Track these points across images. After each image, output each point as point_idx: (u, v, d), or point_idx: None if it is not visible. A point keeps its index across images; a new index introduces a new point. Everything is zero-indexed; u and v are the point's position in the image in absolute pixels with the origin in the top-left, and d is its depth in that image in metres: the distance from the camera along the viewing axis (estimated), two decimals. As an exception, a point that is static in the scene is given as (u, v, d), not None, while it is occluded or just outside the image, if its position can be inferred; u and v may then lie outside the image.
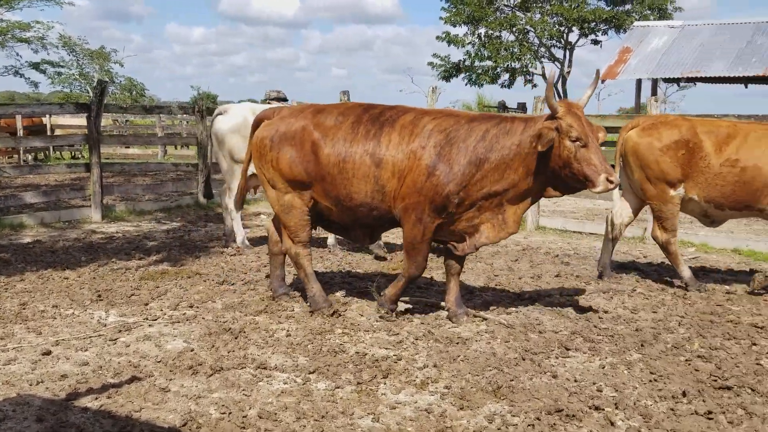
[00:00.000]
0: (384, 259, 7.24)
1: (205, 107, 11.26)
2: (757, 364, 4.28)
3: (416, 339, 4.62)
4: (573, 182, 4.63)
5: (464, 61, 29.46)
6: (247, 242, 7.64)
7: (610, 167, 4.60)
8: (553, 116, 4.53)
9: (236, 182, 7.50)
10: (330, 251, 7.57)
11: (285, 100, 11.69)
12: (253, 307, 5.22)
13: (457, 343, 4.54)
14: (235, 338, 4.54)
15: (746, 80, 20.12)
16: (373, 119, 4.86)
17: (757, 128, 6.09)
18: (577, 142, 4.47)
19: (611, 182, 4.46)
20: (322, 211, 5.10)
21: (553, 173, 4.64)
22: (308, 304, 5.19)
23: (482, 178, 4.69)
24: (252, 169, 7.41)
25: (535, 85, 30.19)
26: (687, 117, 6.57)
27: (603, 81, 20.51)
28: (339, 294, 5.69)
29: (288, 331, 4.70)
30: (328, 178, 4.84)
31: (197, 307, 5.26)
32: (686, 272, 6.29)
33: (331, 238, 7.78)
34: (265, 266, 6.65)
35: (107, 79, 29.74)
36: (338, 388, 3.77)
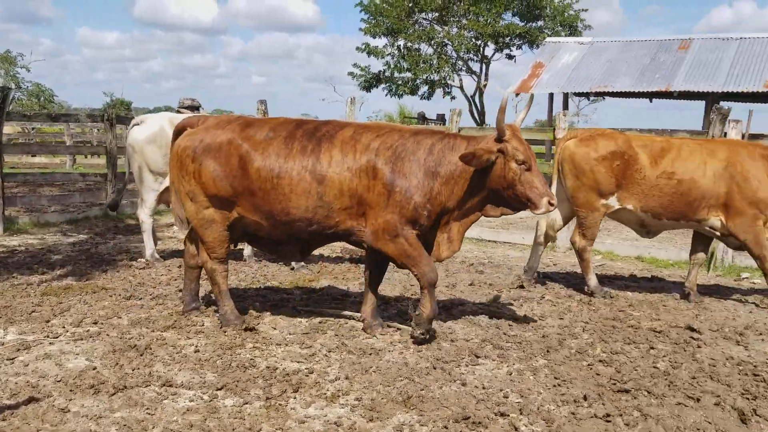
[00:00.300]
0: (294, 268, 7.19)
1: (115, 115, 10.89)
2: (654, 367, 4.48)
3: (329, 351, 4.59)
4: (515, 203, 4.74)
5: (384, 72, 29.76)
6: (156, 255, 7.41)
7: (551, 191, 4.76)
8: (500, 138, 4.62)
9: (151, 194, 7.28)
10: (246, 262, 7.45)
11: (198, 108, 11.48)
12: (161, 323, 5.07)
13: (370, 354, 4.55)
14: (141, 355, 4.39)
15: (651, 95, 21.18)
16: (308, 135, 4.77)
17: (688, 143, 6.39)
18: (523, 165, 4.60)
19: (552, 205, 4.63)
20: (248, 226, 4.96)
21: (496, 193, 4.74)
22: (219, 321, 5.08)
23: (438, 193, 4.70)
24: (168, 183, 7.25)
25: (453, 97, 30.84)
26: (623, 131, 6.87)
27: (517, 94, 21.15)
28: (253, 307, 5.60)
29: (197, 346, 4.58)
30: (259, 193, 4.72)
31: (102, 324, 5.05)
32: (593, 280, 6.54)
33: (247, 250, 7.66)
34: (175, 280, 6.48)
35: (12, 85, 28.28)
36: (246, 404, 3.70)
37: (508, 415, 3.62)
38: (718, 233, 6.30)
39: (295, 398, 3.80)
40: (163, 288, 6.17)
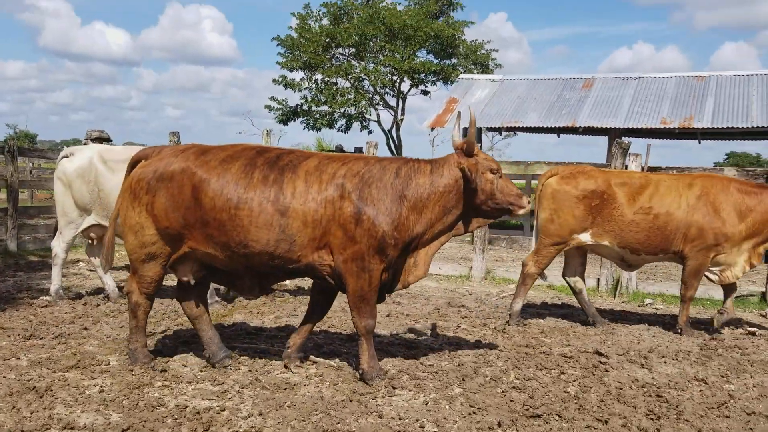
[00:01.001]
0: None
1: (16, 147, 10.40)
2: (565, 391, 4.60)
3: (242, 387, 4.47)
4: (495, 212, 4.82)
5: (302, 105, 29.78)
6: (62, 292, 7.05)
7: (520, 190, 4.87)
8: (470, 153, 4.69)
9: (71, 229, 6.93)
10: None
11: (108, 140, 11.13)
12: (63, 363, 4.80)
13: (285, 389, 4.45)
14: (41, 397, 4.13)
15: (558, 130, 22.10)
16: (269, 164, 4.54)
17: (666, 178, 6.61)
18: (497, 174, 4.72)
19: (528, 203, 4.81)
20: (200, 259, 4.68)
21: (476, 207, 4.76)
22: (128, 357, 4.85)
23: (406, 218, 4.56)
24: (92, 220, 6.91)
25: (370, 131, 31.15)
26: (603, 169, 7.09)
27: (432, 129, 21.62)
28: (162, 344, 5.39)
29: (101, 386, 4.35)
30: (213, 223, 4.46)
31: (-3, 366, 4.73)
32: (518, 305, 6.68)
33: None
34: (80, 318, 6.18)
35: None
36: (154, 444, 3.54)
37: (424, 445, 3.61)
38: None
39: (206, 437, 3.66)
40: (66, 326, 5.86)
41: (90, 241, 7.32)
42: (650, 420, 4.13)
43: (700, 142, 21.31)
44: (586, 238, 6.55)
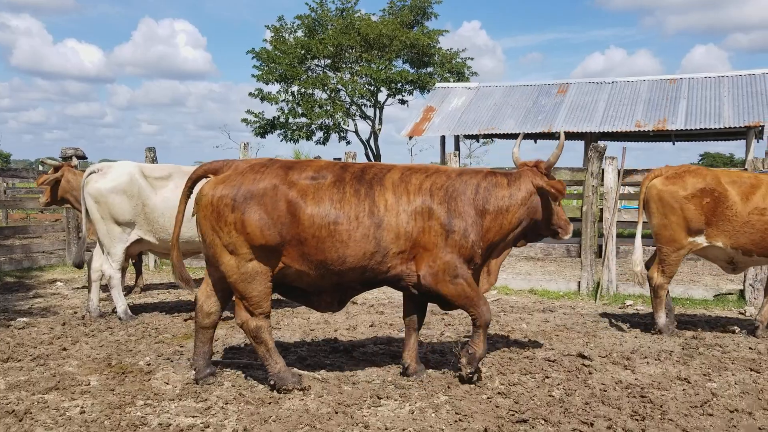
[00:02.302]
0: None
1: (-10, 167, 10.24)
2: (550, 395, 4.62)
3: (226, 403, 4.42)
4: (547, 232, 5.14)
5: (279, 117, 29.74)
6: (129, 312, 7.00)
7: None
8: (548, 175, 5.00)
9: (119, 246, 6.85)
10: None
11: (83, 157, 11.02)
12: (43, 385, 4.71)
13: (270, 403, 4.42)
14: (20, 421, 4.05)
15: (535, 136, 22.29)
16: (357, 178, 4.60)
17: None
18: (557, 198, 5.02)
19: (571, 230, 5.16)
20: (287, 277, 4.60)
21: (535, 225, 5.03)
22: (272, 382, 4.63)
23: (487, 230, 4.81)
24: (135, 235, 6.82)
25: (348, 142, 31.17)
26: (709, 168, 6.83)
27: (411, 137, 21.68)
28: (144, 362, 5.33)
29: (82, 407, 4.28)
30: (311, 241, 4.43)
31: (-26, 391, 4.64)
32: (662, 319, 6.54)
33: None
34: (58, 338, 6.08)
35: None
36: (137, 464, 3.48)
37: (411, 454, 3.59)
38: None
39: (190, 455, 3.61)
40: (44, 348, 5.76)
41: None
42: (635, 421, 4.15)
43: (674, 144, 21.62)
44: (701, 240, 6.37)
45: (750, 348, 6.05)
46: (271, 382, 4.63)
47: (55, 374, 4.99)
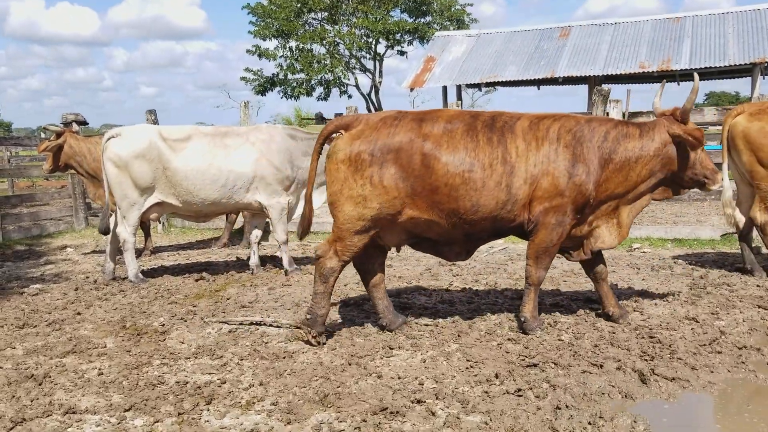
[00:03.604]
0: (202, 278, 7.03)
1: (-8, 136, 10.22)
2: (559, 340, 4.67)
3: (241, 359, 4.50)
4: (690, 183, 4.90)
5: (278, 74, 29.46)
6: (141, 276, 7.05)
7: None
8: (684, 120, 4.76)
9: (135, 211, 6.85)
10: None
11: (84, 123, 10.97)
12: (60, 349, 4.79)
13: (284, 358, 4.49)
14: (40, 384, 4.14)
15: (538, 82, 22.05)
16: (488, 126, 4.62)
17: None
18: (700, 146, 4.78)
19: (722, 179, 4.92)
20: (418, 227, 4.69)
21: (674, 176, 4.84)
22: (307, 317, 4.73)
23: (607, 180, 4.72)
24: (156, 198, 6.84)
25: (350, 96, 30.94)
26: None
27: (412, 89, 21.48)
28: (159, 322, 5.41)
29: (100, 369, 4.37)
30: (444, 190, 4.49)
31: (-7, 357, 4.73)
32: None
33: (254, 258, 7.20)
34: (72, 303, 6.16)
35: None
36: (157, 422, 3.56)
37: (425, 401, 3.67)
38: None
39: (208, 410, 3.69)
40: (59, 313, 5.85)
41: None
42: (644, 361, 4.21)
43: (679, 84, 21.34)
44: None
45: (758, 285, 6.08)
46: (307, 317, 4.75)
47: (72, 338, 5.07)
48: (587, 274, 5.24)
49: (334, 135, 4.85)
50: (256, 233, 7.46)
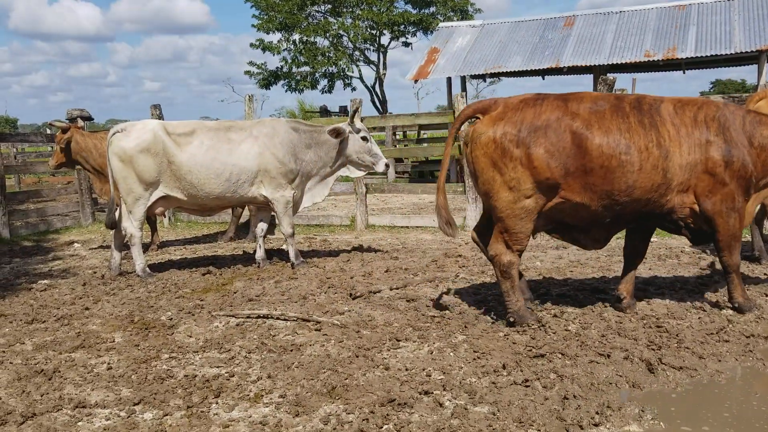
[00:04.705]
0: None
1: (-2, 133, 10.26)
2: (566, 330, 4.67)
3: (249, 352, 4.52)
4: None
5: (282, 68, 29.42)
6: (148, 270, 7.09)
7: None
8: None
9: (141, 206, 6.88)
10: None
11: (90, 118, 11.00)
12: (69, 344, 4.83)
13: (291, 351, 4.50)
14: (49, 379, 4.16)
15: (543, 72, 21.95)
16: (636, 108, 4.59)
17: None
18: None
19: None
20: (562, 212, 4.67)
21: None
22: (511, 320, 4.74)
23: (754, 163, 4.70)
24: (161, 192, 6.87)
25: (354, 89, 30.89)
26: None
27: (416, 81, 21.40)
28: (166, 316, 5.43)
29: (109, 364, 4.39)
30: (599, 171, 4.45)
31: (3, 352, 4.75)
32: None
33: (260, 252, 7.25)
34: (80, 299, 6.19)
35: None
36: (167, 415, 3.58)
37: (432, 393, 3.68)
38: None
39: (217, 403, 3.71)
40: (67, 308, 5.88)
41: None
42: (652, 351, 4.21)
43: (684, 72, 21.22)
44: None
45: (765, 274, 6.06)
46: (510, 319, 4.73)
47: (80, 333, 5.10)
48: (624, 251, 5.19)
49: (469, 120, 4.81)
50: (262, 227, 7.47)
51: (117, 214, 7.09)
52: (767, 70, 17.49)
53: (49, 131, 11.54)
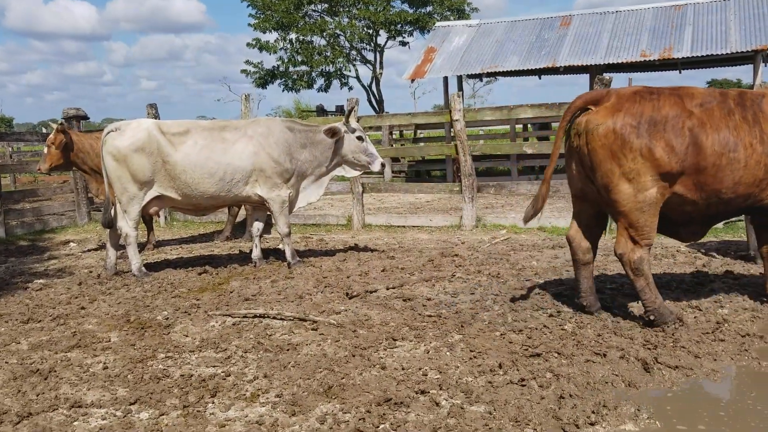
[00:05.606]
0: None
1: (-7, 132, 10.22)
2: (562, 329, 4.68)
3: (245, 352, 4.51)
4: None
5: (278, 67, 29.38)
6: (144, 269, 7.07)
7: None
8: None
9: (136, 205, 6.86)
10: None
11: (85, 117, 10.97)
12: (65, 343, 4.82)
13: (288, 350, 4.50)
14: (45, 379, 4.16)
15: (539, 72, 21.97)
16: (740, 105, 4.61)
17: None
18: None
19: None
20: (667, 205, 4.62)
21: None
22: (651, 318, 4.66)
23: None
24: (155, 192, 6.87)
25: (350, 88, 30.85)
26: None
27: (413, 80, 21.39)
28: (162, 316, 5.42)
29: (105, 363, 4.38)
30: (710, 169, 4.48)
31: (-2, 352, 4.75)
32: None
33: (256, 251, 7.36)
34: (76, 298, 6.18)
35: None
36: (163, 415, 3.58)
37: (429, 392, 3.68)
38: None
39: (213, 403, 3.71)
40: (63, 308, 5.87)
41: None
42: (647, 350, 4.21)
43: (680, 72, 21.24)
44: None
45: (760, 273, 6.08)
46: (651, 318, 4.64)
47: (76, 333, 5.09)
48: (761, 251, 5.13)
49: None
50: (258, 226, 7.46)
51: (113, 213, 7.08)
52: (763, 70, 17.53)
53: (44, 130, 11.50)
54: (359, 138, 7.28)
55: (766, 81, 13.30)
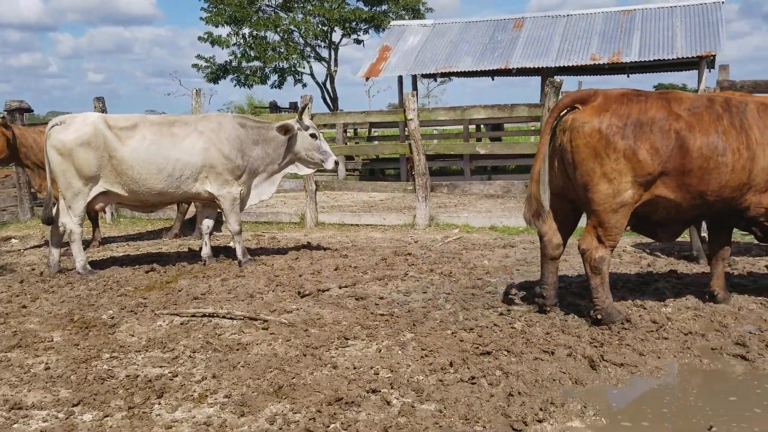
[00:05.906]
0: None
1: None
2: (512, 327, 4.74)
3: (193, 352, 4.43)
4: None
5: (231, 62, 29.00)
6: (89, 267, 6.84)
7: None
8: None
9: (81, 201, 6.61)
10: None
11: (29, 110, 10.62)
12: (5, 343, 4.65)
13: (238, 350, 4.44)
14: (-17, 381, 4.01)
15: (492, 73, 22.23)
16: (727, 110, 4.65)
17: None
18: None
19: None
20: (649, 205, 4.68)
21: None
22: (598, 317, 4.67)
23: None
24: (101, 187, 6.64)
25: (305, 85, 30.67)
26: None
27: (367, 78, 21.38)
28: (107, 315, 5.28)
29: (47, 364, 4.24)
30: (696, 171, 4.53)
31: (-68, 353, 4.55)
32: None
33: (206, 249, 7.18)
34: (17, 296, 5.98)
35: None
36: (107, 416, 3.48)
37: (380, 391, 3.68)
38: None
39: (159, 404, 3.63)
40: (3, 306, 5.66)
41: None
42: (594, 347, 4.30)
43: (628, 76, 21.77)
44: None
45: (703, 272, 6.27)
46: (597, 317, 4.70)
47: (17, 332, 4.92)
48: (711, 252, 5.28)
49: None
50: (208, 223, 7.34)
51: (55, 209, 6.87)
52: (707, 76, 18.10)
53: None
54: (313, 135, 7.23)
55: (710, 86, 13.74)
